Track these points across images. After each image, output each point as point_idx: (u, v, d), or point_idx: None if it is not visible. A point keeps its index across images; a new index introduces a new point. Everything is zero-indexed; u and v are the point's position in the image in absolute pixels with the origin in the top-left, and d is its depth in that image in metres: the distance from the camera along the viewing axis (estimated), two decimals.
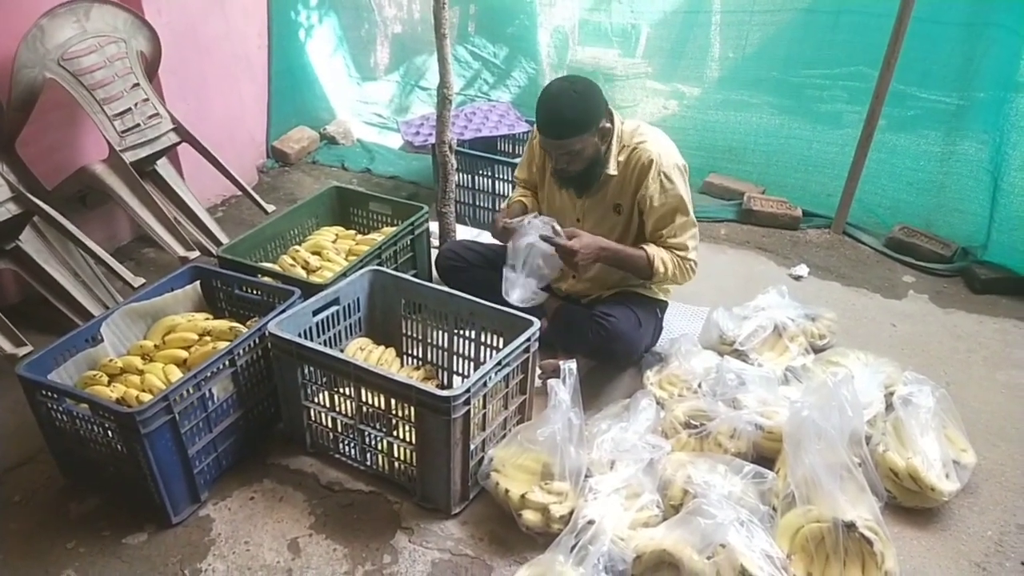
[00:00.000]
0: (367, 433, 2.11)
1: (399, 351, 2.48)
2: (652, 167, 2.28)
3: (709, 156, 3.87)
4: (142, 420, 1.82)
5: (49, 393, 1.97)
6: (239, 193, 3.41)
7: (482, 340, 2.30)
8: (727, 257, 3.37)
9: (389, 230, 2.87)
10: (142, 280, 2.63)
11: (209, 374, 2.02)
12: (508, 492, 1.97)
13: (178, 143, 3.09)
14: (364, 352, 2.37)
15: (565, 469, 1.96)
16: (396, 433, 2.06)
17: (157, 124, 2.98)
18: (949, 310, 2.99)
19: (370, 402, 2.06)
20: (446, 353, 2.41)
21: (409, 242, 2.83)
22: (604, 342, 2.36)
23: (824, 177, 3.60)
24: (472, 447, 2.00)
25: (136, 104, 2.91)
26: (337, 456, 2.23)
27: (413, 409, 1.94)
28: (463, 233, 3.24)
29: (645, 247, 2.35)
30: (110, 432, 1.92)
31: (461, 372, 2.41)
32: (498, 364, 1.99)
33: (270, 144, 4.20)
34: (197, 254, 2.87)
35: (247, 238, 2.72)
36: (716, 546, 1.70)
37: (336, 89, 4.60)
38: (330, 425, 2.18)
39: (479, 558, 1.95)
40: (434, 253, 2.93)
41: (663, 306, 2.60)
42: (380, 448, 2.11)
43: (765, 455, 2.13)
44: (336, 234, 2.97)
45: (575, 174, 2.31)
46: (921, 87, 3.30)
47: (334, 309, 2.33)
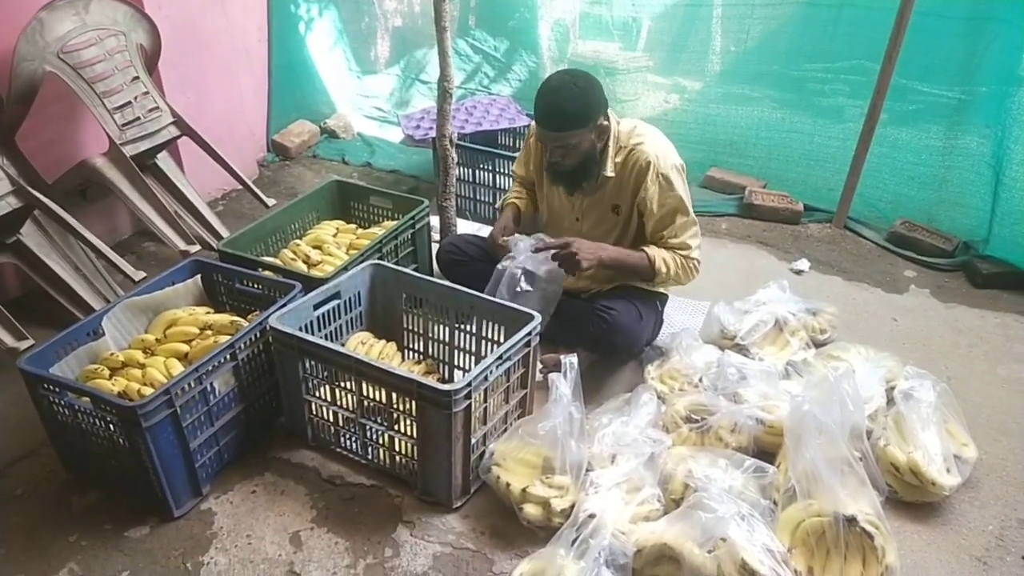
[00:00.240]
0: (368, 427, 2.11)
1: (400, 345, 2.49)
2: (650, 169, 2.28)
3: (710, 150, 3.87)
4: (144, 414, 1.83)
5: (51, 387, 1.97)
6: (239, 187, 3.40)
7: (483, 334, 2.30)
8: (728, 251, 3.37)
9: (390, 224, 2.87)
10: (143, 274, 2.63)
11: (210, 368, 2.02)
12: (509, 486, 1.97)
13: (178, 137, 3.09)
14: (365, 346, 2.37)
15: (566, 463, 1.96)
16: (397, 427, 2.06)
17: (157, 118, 2.98)
18: (950, 304, 2.99)
19: (371, 396, 2.06)
20: (447, 347, 2.41)
21: (410, 236, 2.83)
22: (605, 335, 2.36)
23: (825, 171, 3.60)
24: (473, 441, 2.01)
25: (136, 97, 2.91)
26: (338, 450, 2.24)
27: (414, 403, 1.94)
28: (464, 227, 3.23)
29: (646, 249, 2.34)
30: (112, 426, 1.92)
31: (462, 366, 2.41)
32: (499, 358, 1.99)
33: (270, 138, 4.19)
34: (198, 248, 2.87)
35: (248, 232, 2.72)
36: (717, 540, 1.70)
37: (336, 83, 4.59)
38: (331, 419, 2.19)
39: (480, 552, 1.95)
40: (435, 247, 2.92)
41: (663, 299, 2.60)
42: (381, 442, 2.12)
43: (766, 449, 2.13)
44: (337, 228, 2.97)
45: (568, 169, 2.30)
46: (923, 81, 3.28)
47: (335, 303, 2.33)
